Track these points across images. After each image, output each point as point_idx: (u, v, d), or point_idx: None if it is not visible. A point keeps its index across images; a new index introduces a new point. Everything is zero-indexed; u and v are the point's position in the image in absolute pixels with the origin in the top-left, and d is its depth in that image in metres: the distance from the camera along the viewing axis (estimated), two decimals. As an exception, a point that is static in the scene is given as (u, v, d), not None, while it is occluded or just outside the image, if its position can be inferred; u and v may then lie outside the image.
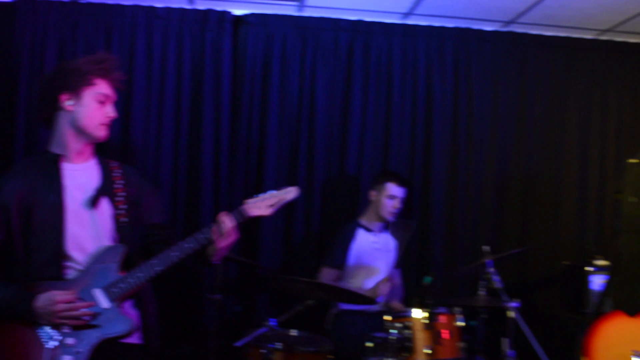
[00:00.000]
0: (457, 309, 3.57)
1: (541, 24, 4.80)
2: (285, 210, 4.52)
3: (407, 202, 4.41)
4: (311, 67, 4.69)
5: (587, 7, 4.46)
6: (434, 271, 4.40)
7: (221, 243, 2.48)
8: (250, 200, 2.57)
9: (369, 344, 3.49)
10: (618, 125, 5.05)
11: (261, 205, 2.55)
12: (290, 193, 2.61)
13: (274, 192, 2.59)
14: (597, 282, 4.09)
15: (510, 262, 4.59)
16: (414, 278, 4.54)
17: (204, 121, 4.53)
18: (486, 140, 4.88)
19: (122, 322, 2.38)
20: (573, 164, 4.99)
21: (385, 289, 3.99)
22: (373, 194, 4.29)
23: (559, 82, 5.00)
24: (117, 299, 2.39)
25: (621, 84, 5.07)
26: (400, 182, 4.29)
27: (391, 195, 4.22)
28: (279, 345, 3.31)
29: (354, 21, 4.74)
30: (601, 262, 4.26)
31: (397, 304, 4.27)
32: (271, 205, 2.56)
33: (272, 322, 3.20)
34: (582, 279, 4.22)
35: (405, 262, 4.44)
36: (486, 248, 3.85)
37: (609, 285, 2.54)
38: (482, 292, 3.89)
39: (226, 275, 4.27)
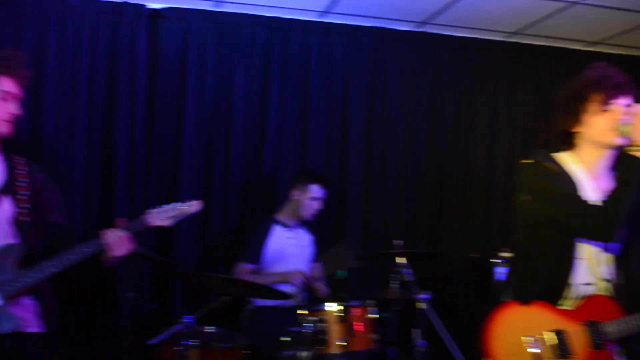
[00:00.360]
0: (370, 302, 3.66)
1: (453, 25, 4.97)
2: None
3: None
4: (229, 64, 4.69)
5: (496, 10, 4.65)
6: (353, 265, 4.52)
7: (115, 252, 2.50)
8: (153, 210, 2.60)
9: (285, 339, 3.53)
10: (524, 124, 5.29)
11: (162, 217, 2.60)
12: (193, 207, 2.68)
13: (178, 205, 2.66)
14: (501, 273, 4.29)
15: (422, 256, 4.73)
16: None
17: (118, 117, 4.45)
18: (400, 138, 5.02)
19: (8, 320, 2.36)
20: (482, 161, 5.20)
21: (299, 279, 4.03)
22: (295, 194, 4.31)
23: (470, 82, 5.20)
24: (10, 296, 2.36)
25: (528, 84, 5.32)
26: (324, 185, 4.36)
27: (314, 197, 4.28)
28: (194, 342, 3.30)
29: (272, 18, 4.76)
30: (506, 254, 4.46)
31: (323, 289, 4.34)
32: (172, 217, 2.62)
33: (187, 319, 3.19)
34: (489, 271, 4.41)
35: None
36: (398, 242, 3.97)
37: (508, 276, 2.67)
38: (394, 285, 4.01)
39: (140, 273, 4.22)
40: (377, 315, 3.65)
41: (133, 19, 4.48)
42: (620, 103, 2.49)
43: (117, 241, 2.49)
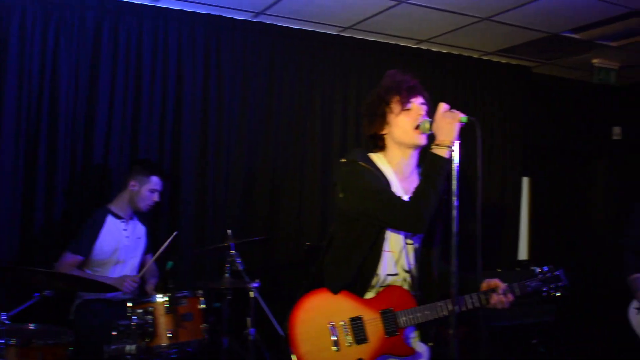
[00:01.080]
0: (199, 292, 3.66)
1: (289, 17, 5.05)
2: (23, 197, 4.28)
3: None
4: (54, 47, 4.42)
5: (330, 5, 4.79)
6: (184, 255, 4.48)
7: None
8: None
9: (114, 333, 3.44)
10: (357, 116, 5.48)
11: None
12: None
13: None
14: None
15: (257, 245, 4.80)
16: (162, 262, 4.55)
17: None
18: (236, 128, 5.03)
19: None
20: (317, 151, 5.34)
21: (131, 286, 3.93)
22: (133, 184, 4.18)
23: (306, 74, 5.31)
24: None
25: (360, 77, 5.53)
26: (164, 177, 4.28)
27: (153, 189, 4.19)
28: (12, 340, 3.13)
29: (101, 0, 4.56)
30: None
31: (154, 280, 4.26)
32: None
33: (2, 317, 3.02)
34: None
35: (154, 246, 4.41)
36: (229, 232, 3.99)
37: (321, 265, 2.78)
38: (227, 275, 4.04)
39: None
40: (205, 306, 3.65)
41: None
42: (417, 102, 2.70)
43: None
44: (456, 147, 2.50)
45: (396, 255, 2.68)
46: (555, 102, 6.86)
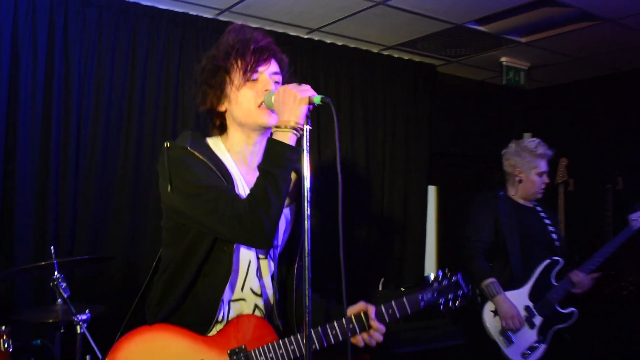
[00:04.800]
0: (4, 329, 2.82)
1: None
2: None
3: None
4: None
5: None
6: None
7: None
8: None
9: None
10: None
11: None
12: None
13: None
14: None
15: (91, 266, 3.98)
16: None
17: None
18: (88, 127, 4.17)
19: None
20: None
21: None
22: None
23: (173, 58, 4.50)
24: None
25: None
26: None
27: None
28: None
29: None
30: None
31: None
32: None
33: None
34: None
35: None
36: (52, 249, 3.15)
37: (148, 292, 2.06)
38: (59, 302, 3.19)
39: None
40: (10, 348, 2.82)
41: None
42: (267, 71, 2.01)
43: None
44: (305, 132, 1.82)
45: (243, 274, 1.98)
46: (463, 105, 6.36)
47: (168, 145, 1.95)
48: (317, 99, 1.83)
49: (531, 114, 6.78)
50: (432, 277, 2.17)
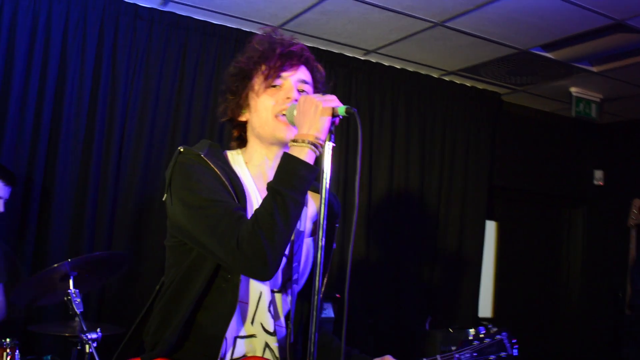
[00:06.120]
0: (7, 341, 2.71)
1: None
2: None
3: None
4: None
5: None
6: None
7: None
8: None
9: None
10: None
11: None
12: None
13: None
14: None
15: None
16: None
17: None
18: (132, 140, 4.10)
19: None
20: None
21: None
22: None
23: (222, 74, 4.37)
24: None
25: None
26: (9, 180, 3.39)
27: None
28: None
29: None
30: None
31: None
32: None
33: None
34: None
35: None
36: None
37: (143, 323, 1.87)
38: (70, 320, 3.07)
39: None
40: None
41: None
42: (292, 78, 1.80)
43: None
44: (328, 149, 1.60)
45: (253, 307, 1.74)
46: (528, 136, 6.01)
47: (181, 150, 1.77)
48: (341, 109, 1.61)
49: (602, 150, 6.35)
50: (471, 333, 1.91)
